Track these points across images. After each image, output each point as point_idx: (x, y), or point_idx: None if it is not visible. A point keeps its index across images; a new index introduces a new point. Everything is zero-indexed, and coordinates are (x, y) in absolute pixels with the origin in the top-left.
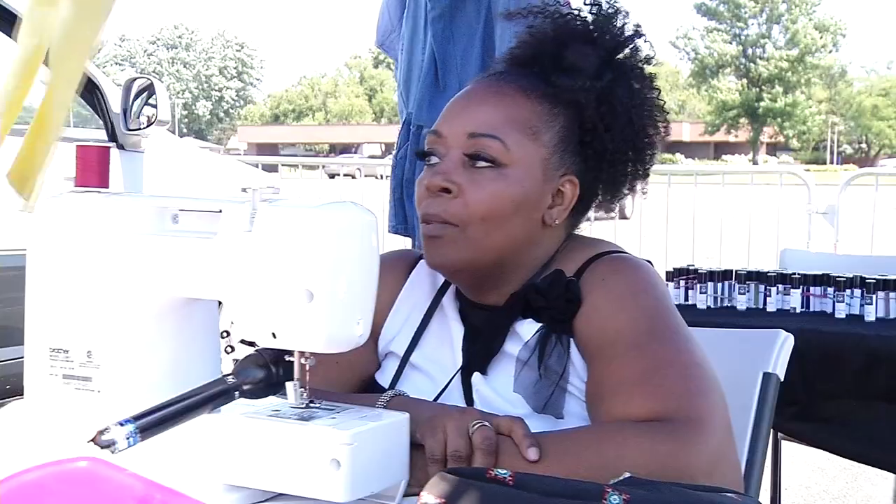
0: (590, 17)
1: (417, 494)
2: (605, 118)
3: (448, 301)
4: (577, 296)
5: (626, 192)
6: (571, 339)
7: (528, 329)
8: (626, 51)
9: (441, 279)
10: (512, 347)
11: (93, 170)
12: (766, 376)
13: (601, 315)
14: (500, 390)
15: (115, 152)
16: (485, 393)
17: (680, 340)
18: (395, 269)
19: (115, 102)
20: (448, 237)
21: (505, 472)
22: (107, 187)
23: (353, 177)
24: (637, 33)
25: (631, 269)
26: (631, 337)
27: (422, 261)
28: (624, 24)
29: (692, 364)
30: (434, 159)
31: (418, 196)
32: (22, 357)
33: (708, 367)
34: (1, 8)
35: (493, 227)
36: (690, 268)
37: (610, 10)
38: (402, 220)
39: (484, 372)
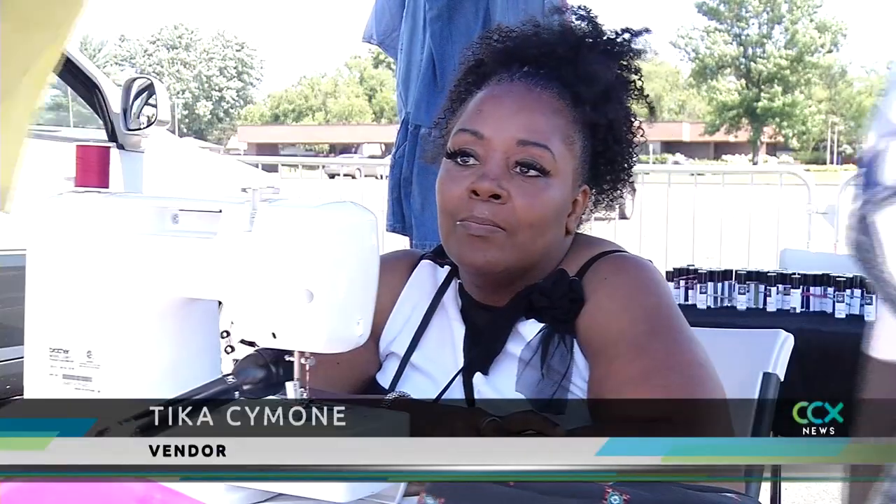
0: (606, 28)
1: (417, 494)
2: (614, 129)
3: (449, 300)
4: (580, 295)
5: (618, 198)
6: (574, 339)
7: (530, 329)
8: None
9: (441, 278)
10: (514, 348)
11: (93, 170)
12: (766, 376)
13: (604, 314)
14: (501, 390)
15: (115, 152)
16: (486, 393)
17: (682, 340)
18: (396, 270)
19: (115, 102)
20: (495, 239)
21: None
22: (107, 187)
23: (353, 177)
24: (638, 50)
25: (633, 268)
26: (632, 336)
27: (423, 261)
28: (632, 37)
29: (694, 364)
30: (471, 160)
31: (456, 196)
32: (22, 357)
33: (709, 366)
34: None
35: (537, 234)
36: (690, 268)
37: (621, 30)
38: (399, 220)
39: (486, 372)
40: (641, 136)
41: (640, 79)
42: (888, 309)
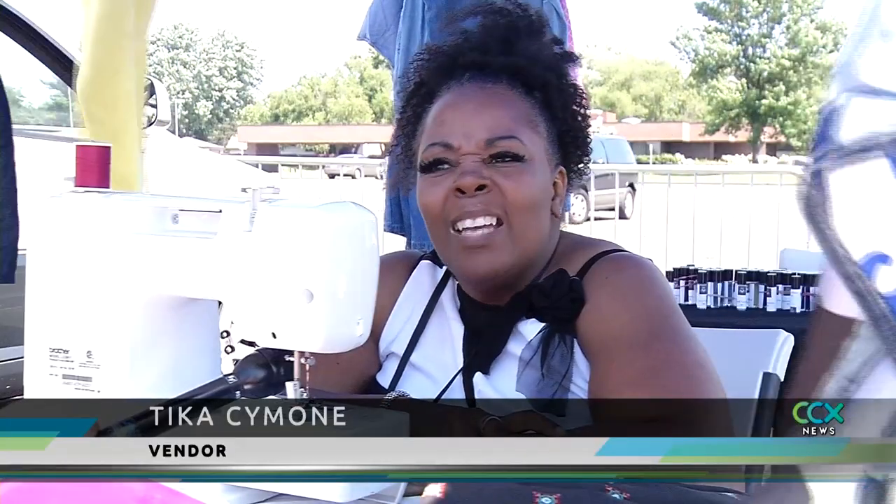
0: (526, 13)
1: (417, 494)
2: (567, 103)
3: (447, 300)
4: (580, 295)
5: (585, 171)
6: (575, 339)
7: (531, 329)
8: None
9: (440, 277)
10: (515, 347)
11: (93, 170)
12: (766, 376)
13: (604, 314)
14: (502, 390)
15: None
16: (487, 393)
17: (682, 340)
18: (395, 271)
19: None
20: (494, 243)
21: None
22: (107, 187)
23: (353, 177)
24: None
25: (634, 267)
26: (633, 336)
27: (422, 261)
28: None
29: (694, 364)
30: (446, 166)
31: (441, 198)
32: (22, 357)
33: (710, 366)
34: (2, 9)
35: (531, 217)
36: (690, 268)
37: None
38: (398, 220)
39: (486, 372)
40: (588, 102)
41: (562, 46)
42: (830, 264)
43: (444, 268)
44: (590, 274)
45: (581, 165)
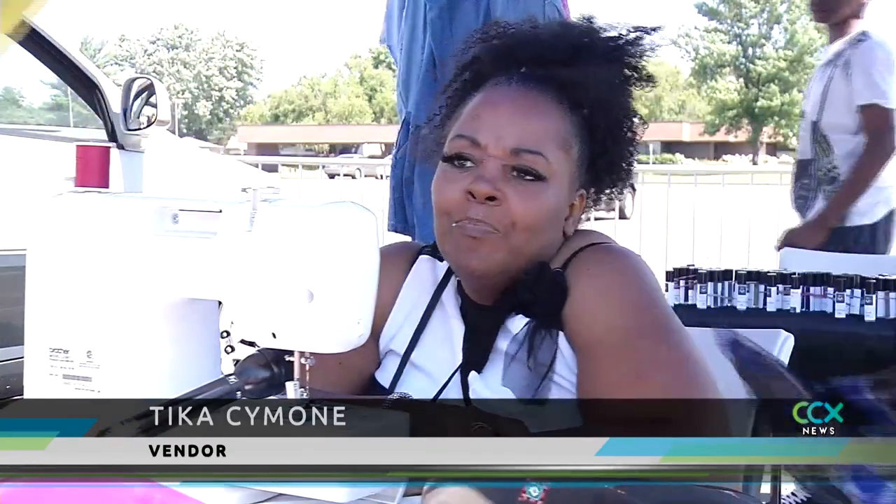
0: (605, 31)
1: (417, 494)
2: (613, 132)
3: (448, 298)
4: (562, 287)
5: (617, 197)
6: (560, 331)
7: (518, 324)
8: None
9: (441, 274)
10: (504, 343)
11: (93, 170)
12: None
13: (588, 308)
14: (493, 387)
15: (115, 152)
16: (481, 392)
17: (670, 335)
18: (395, 265)
19: (115, 102)
20: (489, 241)
21: None
22: (107, 187)
23: (353, 177)
24: (642, 50)
25: (616, 258)
26: (619, 334)
27: (422, 255)
28: (638, 39)
29: (684, 360)
30: (468, 163)
31: (452, 198)
32: (22, 357)
33: (699, 359)
34: None
35: (532, 236)
36: (690, 268)
37: (627, 30)
38: (401, 220)
39: (480, 371)
40: (642, 133)
41: (640, 78)
42: None
43: (445, 263)
44: (572, 265)
45: (611, 191)
